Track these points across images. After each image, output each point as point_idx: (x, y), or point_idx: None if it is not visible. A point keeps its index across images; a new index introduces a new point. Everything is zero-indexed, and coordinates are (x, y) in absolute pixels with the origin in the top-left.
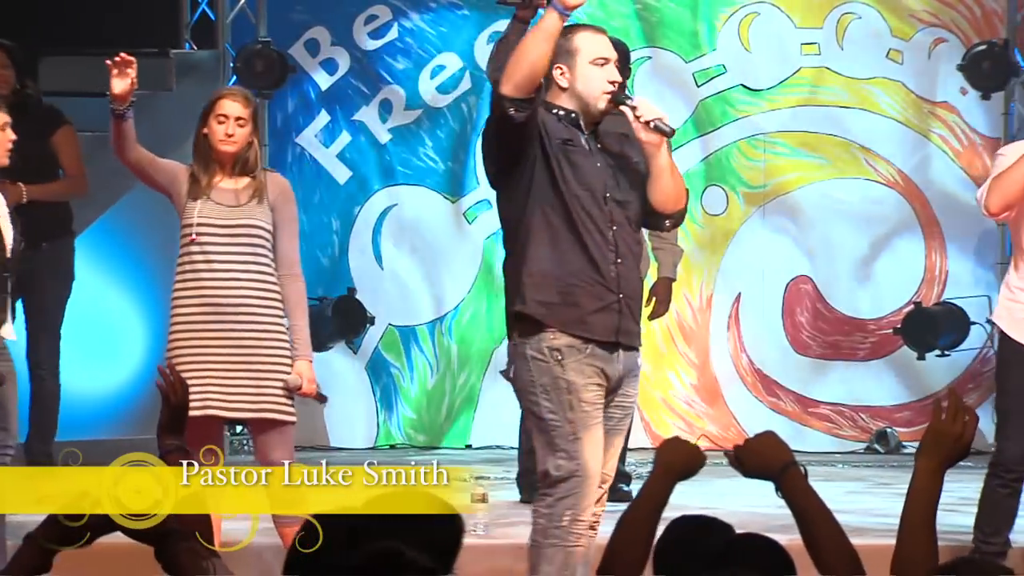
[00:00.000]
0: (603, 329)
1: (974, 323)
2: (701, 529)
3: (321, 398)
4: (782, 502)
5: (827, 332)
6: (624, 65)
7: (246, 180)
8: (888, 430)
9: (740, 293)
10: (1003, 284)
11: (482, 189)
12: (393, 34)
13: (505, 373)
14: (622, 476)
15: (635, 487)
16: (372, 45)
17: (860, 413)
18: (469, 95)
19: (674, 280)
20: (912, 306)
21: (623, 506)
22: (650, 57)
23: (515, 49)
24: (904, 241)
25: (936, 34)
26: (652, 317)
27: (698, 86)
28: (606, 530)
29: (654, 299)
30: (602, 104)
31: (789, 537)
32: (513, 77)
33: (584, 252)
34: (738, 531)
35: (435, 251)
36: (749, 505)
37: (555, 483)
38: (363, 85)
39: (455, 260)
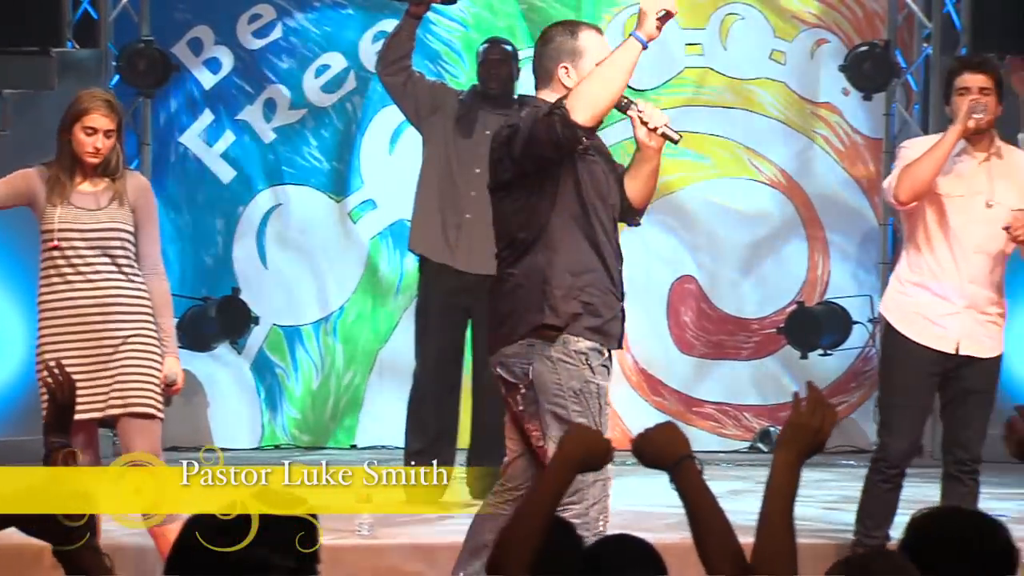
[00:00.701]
0: (615, 337)
1: (856, 322)
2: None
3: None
4: (671, 500)
5: (711, 331)
6: (513, 65)
7: (106, 182)
8: (771, 429)
9: (624, 292)
10: (893, 276)
11: (367, 189)
12: (277, 33)
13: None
14: None
15: None
16: (256, 44)
17: (744, 412)
18: (354, 95)
19: None
20: (795, 306)
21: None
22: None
23: (591, 79)
24: (787, 241)
25: (819, 35)
26: None
27: None
28: None
29: None
30: None
31: (660, 536)
32: (594, 108)
33: (602, 262)
34: (618, 532)
35: (320, 251)
36: (637, 504)
37: (585, 488)
38: (247, 84)
39: (340, 260)
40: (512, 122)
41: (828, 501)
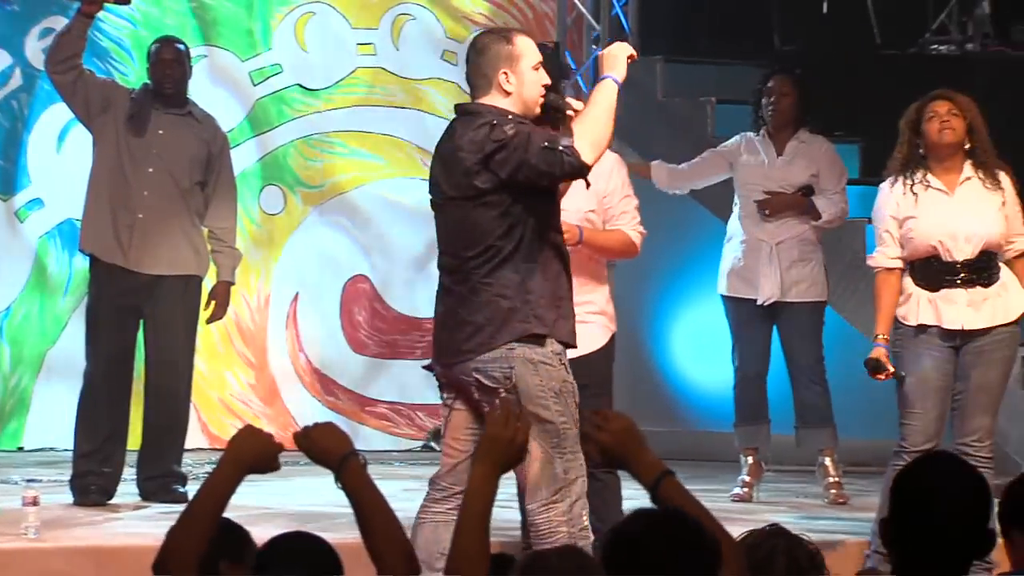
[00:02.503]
0: (575, 336)
1: None
2: (238, 532)
3: None
4: (344, 500)
5: (385, 331)
6: (186, 64)
7: None
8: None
9: (298, 292)
10: None
11: (34, 187)
12: None
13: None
14: (178, 477)
15: (191, 488)
16: None
17: (416, 411)
18: (20, 92)
19: (233, 284)
20: None
21: (179, 507)
22: (206, 56)
23: (592, 124)
24: None
25: None
26: (210, 320)
27: (254, 85)
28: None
29: (213, 302)
30: (538, 109)
31: (335, 535)
32: (600, 149)
33: (565, 268)
34: (293, 530)
35: None
36: (309, 504)
37: (567, 486)
38: None
39: (6, 260)
40: (498, 137)
41: (499, 499)
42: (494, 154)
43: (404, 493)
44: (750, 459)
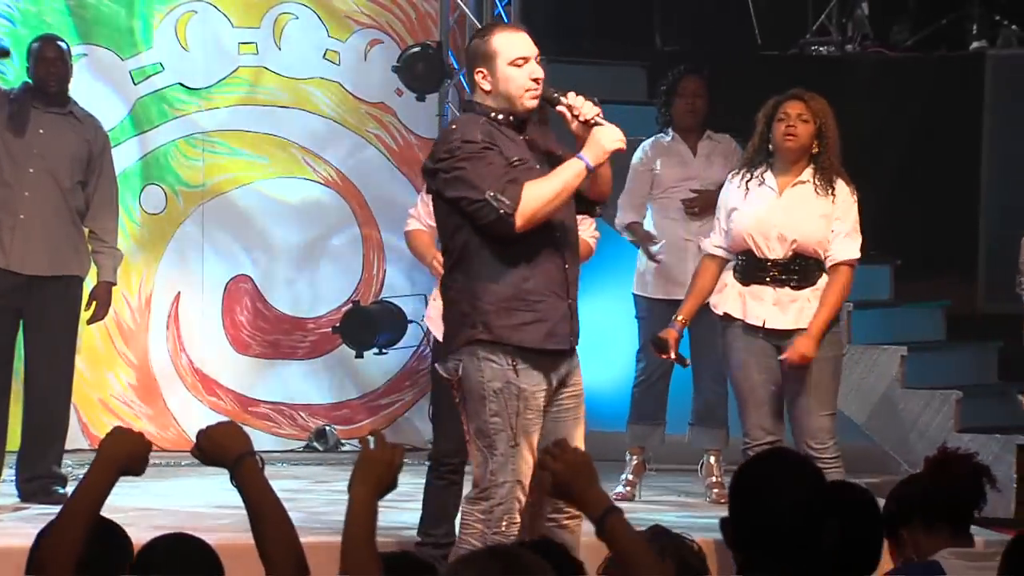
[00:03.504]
0: (547, 337)
1: (411, 321)
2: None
3: None
4: (225, 501)
5: (267, 331)
6: (68, 63)
7: None
8: (327, 428)
9: (180, 292)
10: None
11: None
12: None
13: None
14: (57, 478)
15: (71, 490)
16: None
17: (299, 411)
18: None
19: (114, 284)
20: (350, 305)
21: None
22: (86, 54)
23: (541, 193)
24: (342, 240)
25: (372, 35)
26: (91, 321)
27: (135, 84)
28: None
29: (94, 303)
30: (528, 103)
31: (216, 536)
32: (533, 220)
33: (532, 267)
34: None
35: None
36: (190, 505)
37: (492, 488)
38: None
39: None
40: (439, 157)
41: (387, 499)
42: (445, 173)
43: (287, 494)
44: (635, 458)
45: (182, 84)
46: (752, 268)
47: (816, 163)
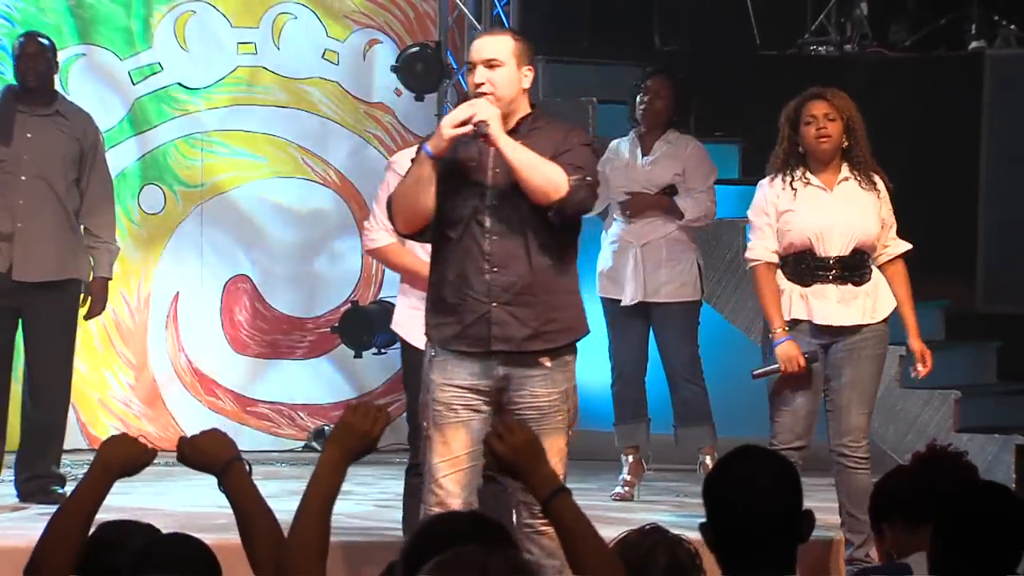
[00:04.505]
0: (453, 338)
1: None
2: (123, 531)
3: None
4: (224, 501)
5: (266, 331)
6: (51, 59)
7: None
8: (326, 428)
9: (179, 292)
10: (400, 292)
11: None
12: None
13: None
14: (56, 478)
15: (70, 489)
16: None
17: (298, 411)
18: None
19: (110, 279)
20: (349, 305)
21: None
22: (84, 54)
23: (397, 189)
24: (341, 240)
25: (371, 35)
26: (88, 317)
27: (134, 84)
28: None
29: (90, 299)
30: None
31: (213, 537)
32: (399, 217)
33: (448, 268)
34: (171, 532)
35: None
36: (187, 505)
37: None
38: None
39: None
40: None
41: (381, 499)
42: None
43: (286, 494)
44: (631, 458)
45: (181, 84)
46: (812, 268)
47: (850, 159)
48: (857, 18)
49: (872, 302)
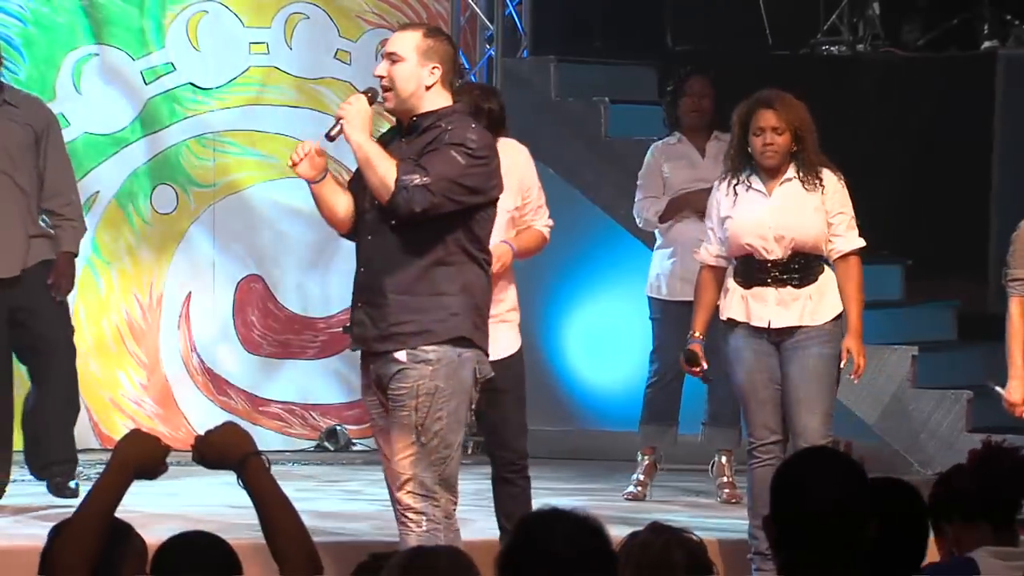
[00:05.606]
0: (353, 338)
1: None
2: (132, 531)
3: None
4: (237, 500)
5: (278, 331)
6: None
7: None
8: (338, 428)
9: (191, 292)
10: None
11: None
12: None
13: None
14: (71, 463)
15: (84, 487)
16: None
17: (310, 411)
18: None
19: (75, 254)
20: None
21: (70, 502)
22: (97, 54)
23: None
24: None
25: (383, 35)
26: (55, 291)
27: (146, 84)
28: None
29: (54, 273)
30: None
31: (231, 535)
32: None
33: (378, 270)
34: (191, 530)
35: None
36: (203, 504)
37: None
38: None
39: None
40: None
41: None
42: None
43: (298, 494)
44: (647, 459)
45: (193, 84)
46: (753, 271)
47: (797, 160)
48: (869, 18)
49: (814, 304)
